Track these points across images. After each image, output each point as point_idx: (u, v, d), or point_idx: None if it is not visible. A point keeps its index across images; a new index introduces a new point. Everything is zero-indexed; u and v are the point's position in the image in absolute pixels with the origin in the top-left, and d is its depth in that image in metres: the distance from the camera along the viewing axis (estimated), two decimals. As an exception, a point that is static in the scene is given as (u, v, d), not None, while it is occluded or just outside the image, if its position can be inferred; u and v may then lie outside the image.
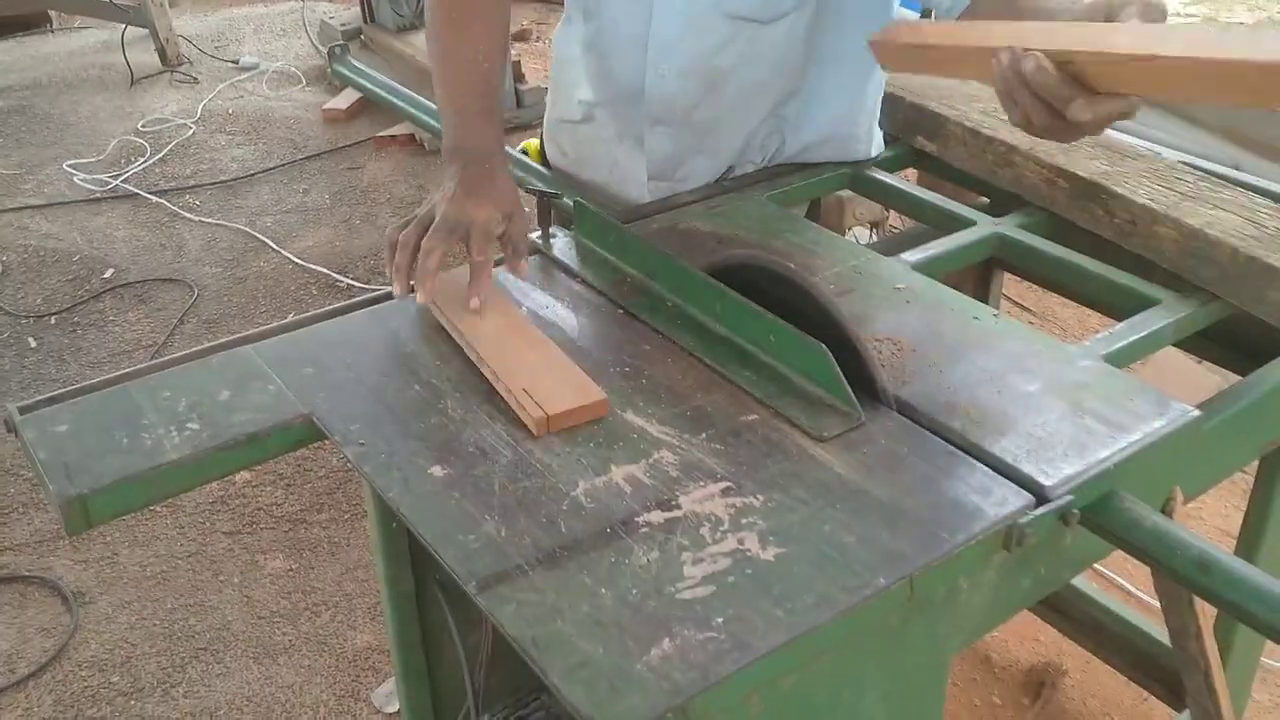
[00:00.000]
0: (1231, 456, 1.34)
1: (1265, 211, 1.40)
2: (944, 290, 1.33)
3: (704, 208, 1.54)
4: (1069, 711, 2.06)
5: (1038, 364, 1.17)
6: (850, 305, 1.26)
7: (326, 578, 2.44)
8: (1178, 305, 1.33)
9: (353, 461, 1.04)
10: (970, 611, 1.04)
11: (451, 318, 1.21)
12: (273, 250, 3.86)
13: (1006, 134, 1.59)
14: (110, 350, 3.32)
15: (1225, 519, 2.49)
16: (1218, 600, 0.98)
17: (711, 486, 0.98)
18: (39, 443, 1.05)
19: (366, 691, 2.16)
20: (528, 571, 0.89)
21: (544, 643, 0.82)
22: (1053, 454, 1.03)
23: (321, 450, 2.76)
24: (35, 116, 5.06)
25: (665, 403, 1.10)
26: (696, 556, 0.90)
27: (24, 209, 4.20)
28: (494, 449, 1.04)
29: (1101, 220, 1.46)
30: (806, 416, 1.07)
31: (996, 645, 2.18)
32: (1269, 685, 2.10)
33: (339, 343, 1.22)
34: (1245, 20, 6.21)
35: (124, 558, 2.50)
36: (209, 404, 1.11)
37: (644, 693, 0.78)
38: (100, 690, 2.17)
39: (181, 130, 4.82)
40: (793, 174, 1.63)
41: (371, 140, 4.64)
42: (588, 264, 1.36)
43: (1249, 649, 1.64)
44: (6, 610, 2.37)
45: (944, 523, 0.94)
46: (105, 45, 5.87)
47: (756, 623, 0.83)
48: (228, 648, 2.26)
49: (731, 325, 1.20)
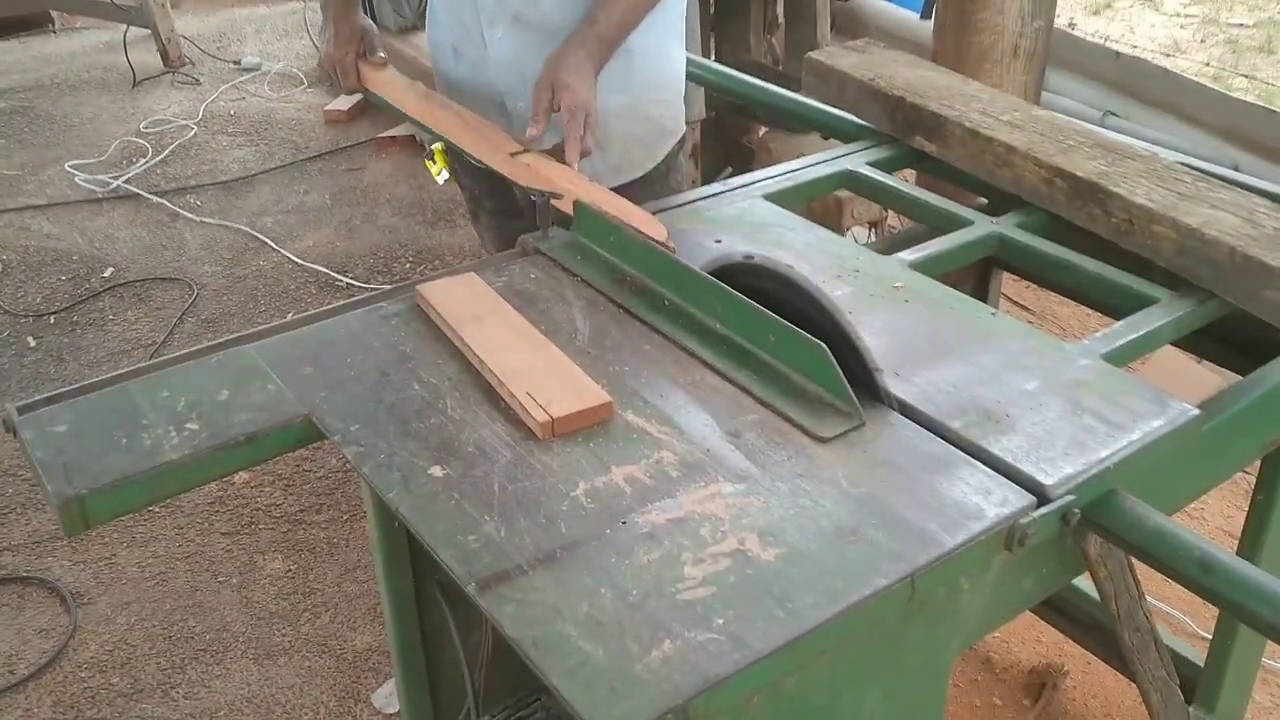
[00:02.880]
0: (1232, 456, 1.34)
1: (1263, 211, 1.39)
2: (943, 289, 1.33)
3: (703, 207, 1.54)
4: (1070, 712, 2.06)
5: (1037, 363, 1.17)
6: (849, 305, 1.26)
7: (326, 578, 2.44)
8: (1176, 304, 1.33)
9: (352, 462, 1.03)
10: (971, 612, 1.03)
11: (452, 323, 1.21)
12: (273, 250, 3.86)
13: (1005, 134, 1.59)
14: (109, 349, 3.32)
15: (1227, 519, 2.49)
16: (1220, 600, 0.98)
17: (711, 487, 0.98)
18: (37, 442, 1.05)
19: (367, 692, 2.15)
20: (527, 572, 0.89)
21: (544, 643, 0.82)
22: (1053, 453, 1.03)
23: (321, 450, 2.76)
24: (37, 117, 5.06)
25: (665, 403, 1.10)
26: (697, 557, 0.90)
27: (25, 209, 4.19)
28: (493, 449, 1.04)
29: (1099, 220, 1.46)
30: (807, 416, 1.07)
31: (997, 646, 2.18)
32: (1269, 685, 2.10)
33: (339, 342, 1.22)
34: (1246, 21, 6.21)
35: (122, 558, 2.50)
36: (208, 404, 1.11)
37: (644, 693, 0.77)
38: (100, 691, 2.17)
39: (183, 131, 4.82)
40: (791, 174, 1.63)
41: (372, 141, 4.64)
42: (588, 264, 1.36)
43: (1249, 649, 1.63)
44: (5, 611, 2.37)
45: (945, 523, 0.94)
46: (107, 46, 5.87)
47: (757, 623, 0.83)
48: (227, 649, 2.26)
49: (731, 325, 1.20)
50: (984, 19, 2.42)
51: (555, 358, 1.15)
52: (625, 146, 1.77)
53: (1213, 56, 5.64)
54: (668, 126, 1.83)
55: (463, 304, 1.24)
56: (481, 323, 1.21)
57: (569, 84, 1.49)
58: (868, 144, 1.78)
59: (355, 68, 1.84)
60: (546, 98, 1.50)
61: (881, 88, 1.77)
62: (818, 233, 1.47)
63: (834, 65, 1.86)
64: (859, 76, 1.81)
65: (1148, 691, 1.20)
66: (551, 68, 1.52)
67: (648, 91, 1.76)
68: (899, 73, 1.82)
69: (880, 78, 1.79)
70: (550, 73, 1.52)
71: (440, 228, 4.01)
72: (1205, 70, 5.27)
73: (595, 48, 1.55)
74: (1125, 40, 5.50)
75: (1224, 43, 5.92)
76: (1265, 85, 5.23)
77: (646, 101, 1.77)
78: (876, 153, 1.75)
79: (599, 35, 1.55)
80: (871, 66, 1.84)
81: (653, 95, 1.78)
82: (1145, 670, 1.18)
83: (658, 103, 1.79)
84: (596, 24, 1.55)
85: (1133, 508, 1.02)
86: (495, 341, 1.17)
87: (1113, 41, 4.75)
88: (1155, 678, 1.19)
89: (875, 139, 1.79)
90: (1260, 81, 5.26)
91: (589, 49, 1.54)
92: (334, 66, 1.85)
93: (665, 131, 1.83)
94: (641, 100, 1.75)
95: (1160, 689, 1.20)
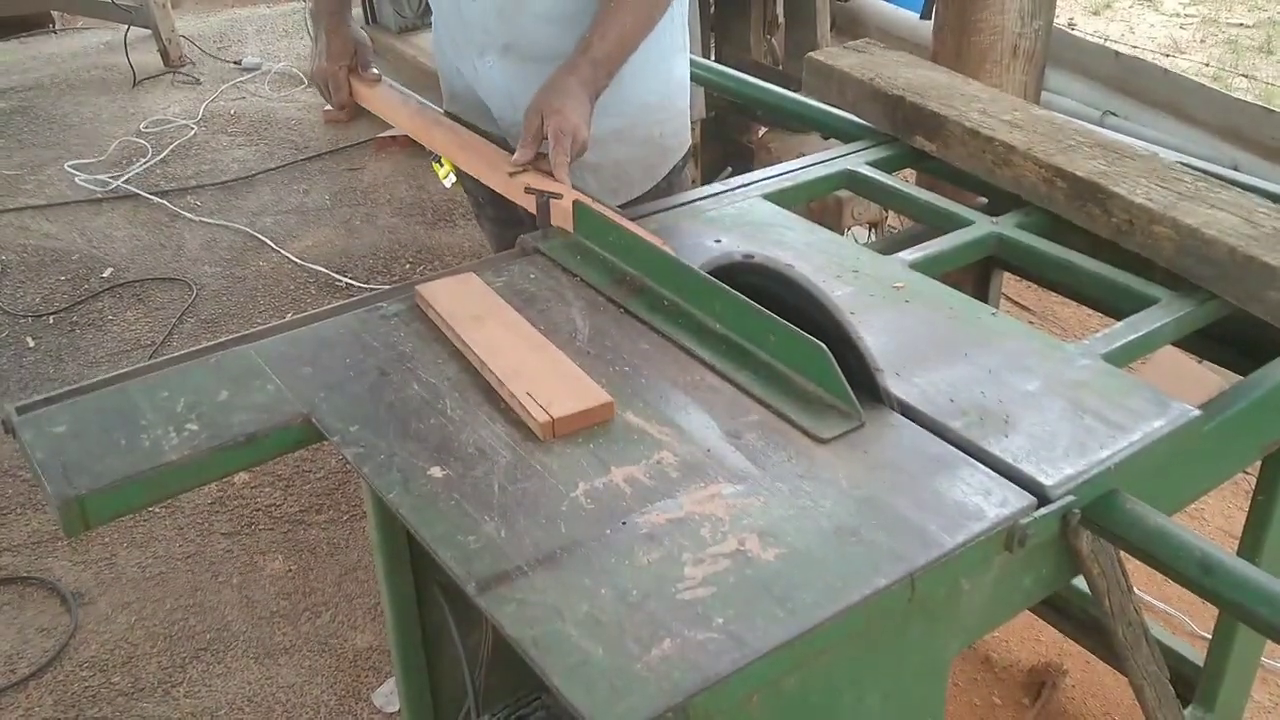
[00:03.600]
0: (1232, 456, 1.34)
1: (1262, 211, 1.39)
2: (943, 289, 1.33)
3: (703, 207, 1.54)
4: (1069, 712, 2.06)
5: (1037, 363, 1.17)
6: (849, 305, 1.26)
7: (326, 578, 2.44)
8: (1176, 304, 1.33)
9: (352, 462, 1.03)
10: (971, 612, 1.03)
11: (452, 324, 1.21)
12: (272, 250, 3.86)
13: (1005, 134, 1.59)
14: (109, 350, 3.32)
15: (1228, 519, 2.49)
16: (1220, 600, 0.98)
17: (712, 487, 0.98)
18: (37, 443, 1.05)
19: (367, 691, 2.16)
20: (528, 572, 0.89)
21: (544, 643, 0.82)
22: (1053, 454, 1.03)
23: (321, 451, 2.76)
24: (37, 117, 5.06)
25: (665, 403, 1.10)
26: (697, 557, 0.90)
27: (25, 209, 4.19)
28: (493, 450, 1.04)
29: (1099, 220, 1.46)
30: (807, 417, 1.07)
31: (997, 645, 2.18)
32: (1269, 685, 2.10)
33: (338, 342, 1.22)
34: (1246, 21, 6.21)
35: (122, 559, 2.50)
36: (208, 404, 1.11)
37: (644, 693, 0.77)
38: (101, 690, 2.17)
39: (183, 131, 4.82)
40: (791, 174, 1.63)
41: (372, 141, 4.64)
42: (588, 264, 1.36)
43: (1249, 649, 1.63)
44: (6, 611, 2.37)
45: (944, 523, 0.94)
46: (107, 46, 5.87)
47: (757, 622, 0.83)
48: (228, 648, 2.26)
49: (731, 325, 1.20)
50: (984, 19, 2.42)
51: (555, 358, 1.15)
52: (620, 169, 1.75)
53: (1212, 56, 5.64)
54: (669, 144, 1.80)
55: (462, 304, 1.24)
56: (481, 323, 1.21)
57: (558, 108, 1.47)
58: (868, 144, 1.78)
59: (348, 83, 1.79)
60: (536, 123, 1.49)
61: (881, 88, 1.77)
62: (818, 233, 1.47)
63: (834, 65, 1.86)
64: (859, 76, 1.81)
65: (1141, 687, 1.20)
66: (542, 94, 1.51)
67: (645, 114, 1.73)
68: (899, 73, 1.82)
69: (880, 78, 1.79)
70: (541, 99, 1.50)
71: (440, 228, 4.01)
72: (1205, 70, 5.27)
73: (590, 73, 1.52)
74: (1125, 40, 5.50)
75: (1224, 43, 5.92)
76: (1265, 85, 5.23)
77: (643, 124, 1.74)
78: (876, 153, 1.75)
79: (593, 60, 1.52)
80: (871, 66, 1.84)
81: (652, 116, 1.75)
82: (1138, 666, 1.18)
83: (656, 123, 1.76)
84: (590, 49, 1.53)
85: (1133, 508, 1.02)
86: (495, 342, 1.17)
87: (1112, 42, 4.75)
88: (1148, 673, 1.19)
89: (875, 139, 1.79)
90: (1260, 81, 5.26)
91: (581, 75, 1.51)
92: (325, 82, 1.80)
93: (666, 150, 1.80)
94: (637, 123, 1.72)
95: (1153, 684, 1.20)
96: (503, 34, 1.65)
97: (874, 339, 1.15)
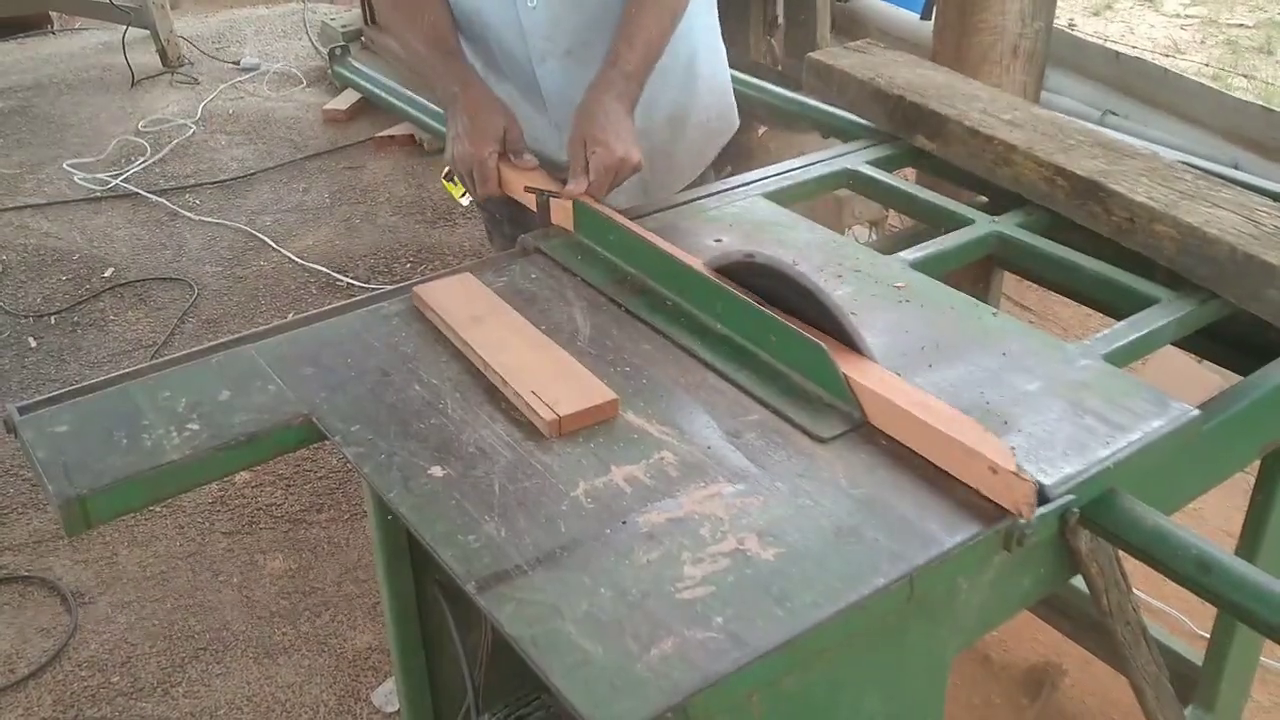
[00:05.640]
0: (1232, 456, 1.34)
1: (1263, 210, 1.39)
2: (943, 289, 1.33)
3: (703, 207, 1.54)
4: (1068, 711, 2.06)
5: (1037, 363, 1.17)
6: (849, 304, 1.26)
7: (326, 578, 2.44)
8: (1177, 304, 1.33)
9: (353, 462, 1.03)
10: (970, 611, 1.03)
11: (453, 324, 1.21)
12: (273, 249, 3.86)
13: (1005, 133, 1.59)
14: (110, 350, 3.32)
15: (1227, 519, 2.49)
16: (1219, 600, 0.98)
17: (711, 487, 0.98)
18: (38, 443, 1.05)
19: (367, 691, 2.16)
20: (528, 571, 0.89)
21: (544, 642, 0.82)
22: (1053, 453, 1.03)
23: (321, 450, 2.76)
24: (36, 117, 5.06)
25: (665, 403, 1.10)
26: (696, 556, 0.90)
27: (24, 208, 4.20)
28: (494, 449, 1.04)
29: (1100, 218, 1.46)
30: (807, 416, 1.07)
31: (996, 645, 2.18)
32: (1268, 685, 2.10)
33: (339, 342, 1.22)
34: (1246, 21, 6.21)
35: (123, 558, 2.50)
36: (209, 404, 1.11)
37: (643, 691, 0.78)
38: (100, 690, 2.17)
39: (182, 130, 4.82)
40: (791, 173, 1.63)
41: (371, 140, 4.64)
42: (588, 264, 1.36)
43: (1248, 648, 1.63)
44: (6, 610, 2.37)
45: (944, 523, 0.94)
46: (106, 46, 5.87)
47: (756, 622, 0.83)
48: (228, 648, 2.26)
49: (731, 325, 1.20)
50: (984, 19, 2.42)
51: (557, 356, 1.15)
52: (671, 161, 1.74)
53: (1212, 57, 5.64)
54: (714, 127, 1.79)
55: (461, 304, 1.25)
56: (481, 323, 1.21)
57: (603, 140, 1.41)
58: (868, 143, 1.78)
59: (497, 171, 1.48)
60: (582, 154, 1.43)
61: (882, 87, 1.77)
62: (818, 232, 1.47)
63: (834, 65, 1.86)
64: (859, 76, 1.81)
65: (1140, 686, 1.20)
66: (584, 121, 1.45)
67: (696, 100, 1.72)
68: (899, 72, 1.82)
69: (880, 77, 1.79)
70: (583, 128, 1.44)
71: (440, 227, 4.01)
72: (1205, 70, 5.26)
73: (624, 87, 1.48)
74: (1125, 41, 5.50)
75: (1223, 43, 5.92)
76: (1265, 85, 5.23)
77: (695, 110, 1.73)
78: (876, 151, 1.74)
79: (625, 74, 1.48)
80: (871, 66, 1.84)
81: (705, 101, 1.74)
82: (1137, 665, 1.18)
83: (704, 108, 1.75)
84: (619, 61, 1.49)
85: (1132, 508, 1.02)
86: (497, 341, 1.17)
87: (1112, 42, 4.75)
88: (1147, 672, 1.19)
89: (875, 138, 1.79)
90: (1260, 81, 5.26)
91: (617, 90, 1.47)
92: (469, 169, 1.48)
93: (712, 132, 1.79)
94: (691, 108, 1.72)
95: (1152, 683, 1.20)
96: (566, 39, 1.60)
97: (874, 338, 1.15)
